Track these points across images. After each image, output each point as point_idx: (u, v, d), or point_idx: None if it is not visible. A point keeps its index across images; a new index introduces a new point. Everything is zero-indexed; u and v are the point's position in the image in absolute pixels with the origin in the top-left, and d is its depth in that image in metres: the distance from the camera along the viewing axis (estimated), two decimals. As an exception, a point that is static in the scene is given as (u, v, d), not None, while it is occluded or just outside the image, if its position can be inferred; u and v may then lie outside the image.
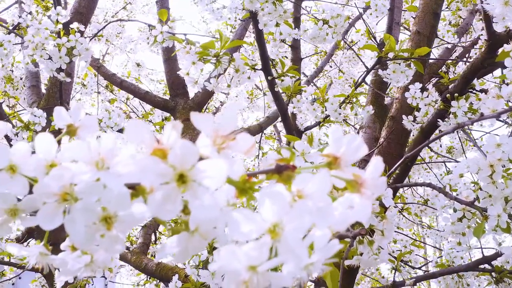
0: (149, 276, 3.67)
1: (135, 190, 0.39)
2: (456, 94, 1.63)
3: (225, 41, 1.46)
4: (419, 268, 2.97)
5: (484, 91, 1.96)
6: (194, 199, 0.33)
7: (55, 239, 2.24)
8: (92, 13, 2.75)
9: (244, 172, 0.36)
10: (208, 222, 0.39)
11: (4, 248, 2.43)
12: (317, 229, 0.35)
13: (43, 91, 2.76)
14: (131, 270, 4.11)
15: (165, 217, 0.35)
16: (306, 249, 0.34)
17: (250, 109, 4.92)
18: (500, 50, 1.59)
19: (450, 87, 1.73)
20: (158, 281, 3.55)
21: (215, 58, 1.51)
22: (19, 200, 0.45)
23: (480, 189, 1.36)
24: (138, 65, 5.05)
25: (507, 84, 2.34)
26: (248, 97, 5.04)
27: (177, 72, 3.18)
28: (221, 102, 5.88)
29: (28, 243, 3.20)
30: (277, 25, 1.91)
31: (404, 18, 3.44)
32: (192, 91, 3.34)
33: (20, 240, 2.79)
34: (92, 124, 0.52)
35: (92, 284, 1.70)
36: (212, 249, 1.44)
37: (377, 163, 0.40)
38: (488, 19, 1.48)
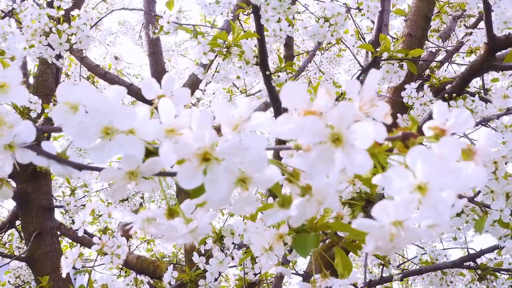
0: (123, 269, 3.65)
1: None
2: (454, 95, 1.69)
3: (237, 33, 1.48)
4: (398, 267, 3.03)
5: (474, 94, 2.03)
6: (347, 158, 0.36)
7: (40, 228, 2.21)
8: (83, 2, 2.73)
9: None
10: (330, 185, 0.42)
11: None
12: (445, 190, 0.38)
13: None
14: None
15: (316, 176, 0.37)
16: (447, 207, 0.36)
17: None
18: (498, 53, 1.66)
19: (447, 87, 1.79)
20: (136, 274, 3.54)
21: (225, 49, 1.52)
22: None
23: (482, 184, 1.41)
24: (116, 58, 5.01)
25: (487, 90, 2.42)
26: (226, 93, 5.05)
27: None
28: (197, 98, 5.87)
29: (5, 232, 3.15)
30: (279, 21, 1.93)
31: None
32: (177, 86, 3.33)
33: (1, 229, 2.74)
34: (184, 95, 0.54)
35: (94, 272, 1.69)
36: (219, 238, 1.46)
37: (488, 134, 0.43)
38: (489, 23, 1.54)
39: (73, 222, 3.53)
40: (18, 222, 2.96)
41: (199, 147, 0.39)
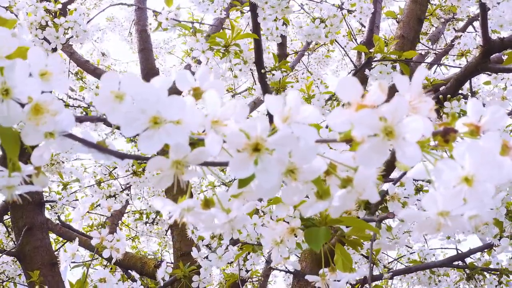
0: (108, 266, 3.63)
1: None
2: (448, 96, 1.72)
3: (237, 32, 1.49)
4: (384, 267, 3.07)
5: (466, 96, 2.07)
6: (398, 150, 0.37)
7: (31, 223, 2.19)
8: (76, -3, 2.71)
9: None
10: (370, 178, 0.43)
11: None
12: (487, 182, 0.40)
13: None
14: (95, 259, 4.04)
15: (369, 167, 0.39)
16: (490, 198, 0.38)
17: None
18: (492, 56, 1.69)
19: (441, 88, 1.82)
20: (122, 271, 3.53)
21: (224, 48, 1.53)
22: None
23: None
24: (103, 54, 4.99)
25: (475, 93, 2.46)
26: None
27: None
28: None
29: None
30: (275, 20, 1.95)
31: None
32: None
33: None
34: (219, 87, 0.54)
35: (92, 267, 1.69)
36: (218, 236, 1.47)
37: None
38: (485, 26, 1.57)
39: (58, 218, 3.50)
40: (5, 217, 2.94)
41: (251, 137, 0.41)
